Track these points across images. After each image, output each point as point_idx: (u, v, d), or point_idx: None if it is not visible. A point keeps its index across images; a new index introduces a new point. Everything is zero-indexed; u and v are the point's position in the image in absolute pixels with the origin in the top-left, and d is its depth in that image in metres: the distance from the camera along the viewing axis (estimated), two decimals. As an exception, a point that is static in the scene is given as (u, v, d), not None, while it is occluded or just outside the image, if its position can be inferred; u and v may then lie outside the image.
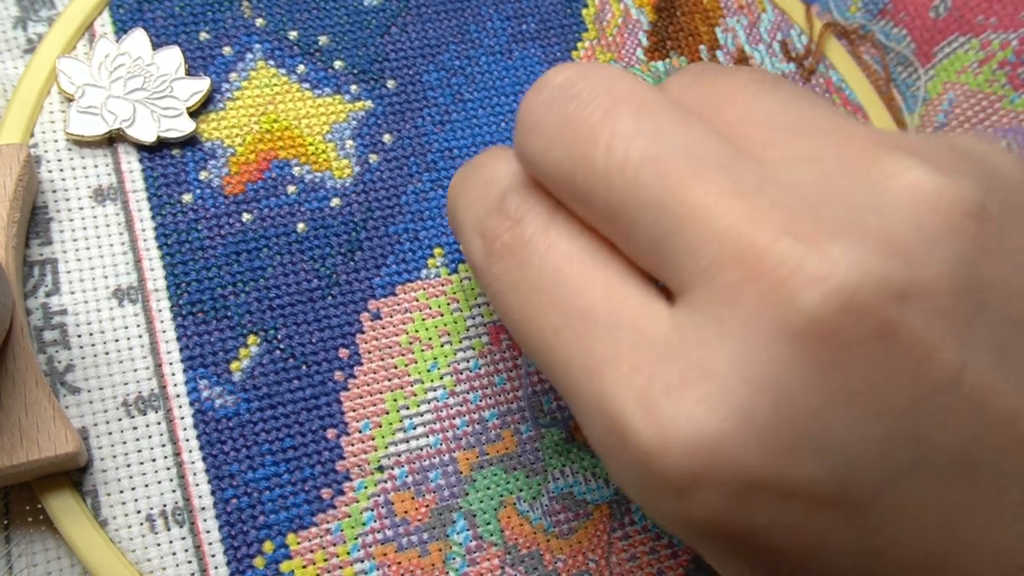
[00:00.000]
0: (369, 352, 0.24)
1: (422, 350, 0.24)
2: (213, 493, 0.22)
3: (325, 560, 0.22)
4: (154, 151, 0.25)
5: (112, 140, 0.25)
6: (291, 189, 0.25)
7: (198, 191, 0.25)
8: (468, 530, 0.23)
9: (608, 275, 0.17)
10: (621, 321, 0.16)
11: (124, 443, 0.22)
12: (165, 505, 0.22)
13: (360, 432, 0.23)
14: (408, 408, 0.24)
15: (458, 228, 0.21)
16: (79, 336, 0.23)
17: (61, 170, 0.24)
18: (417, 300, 0.25)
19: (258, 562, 0.22)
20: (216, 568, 0.21)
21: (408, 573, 0.22)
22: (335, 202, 0.25)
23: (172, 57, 0.25)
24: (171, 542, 0.21)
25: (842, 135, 0.17)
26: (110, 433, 0.22)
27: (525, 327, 0.18)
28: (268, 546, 0.22)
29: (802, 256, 0.14)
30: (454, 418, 0.24)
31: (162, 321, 0.23)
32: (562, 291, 0.17)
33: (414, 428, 0.24)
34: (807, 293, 0.14)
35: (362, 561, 0.22)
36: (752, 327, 0.14)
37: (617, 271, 0.17)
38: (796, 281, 0.14)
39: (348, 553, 0.22)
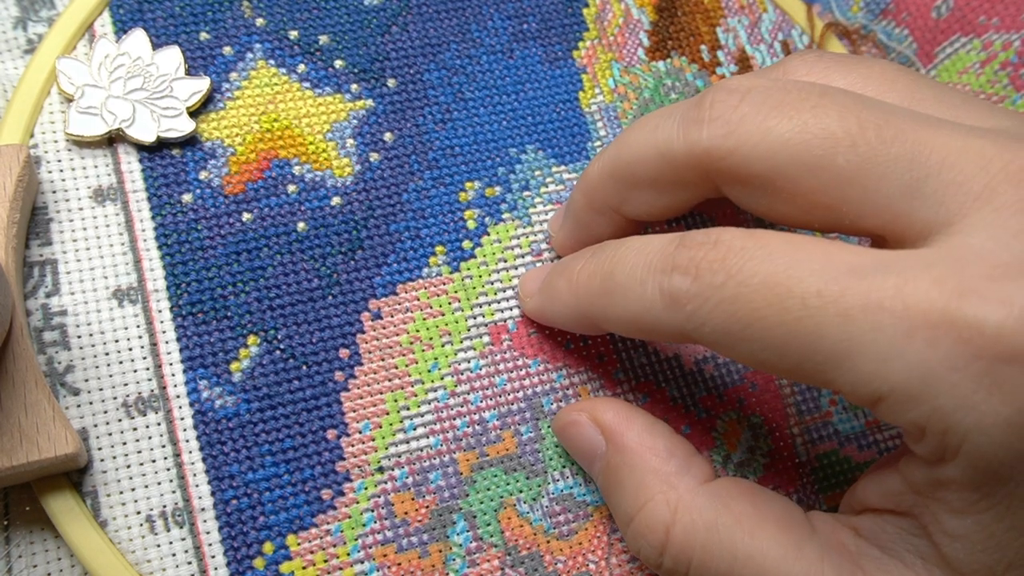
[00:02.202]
0: (370, 352, 0.24)
1: (423, 350, 0.24)
2: (213, 494, 0.22)
3: (325, 561, 0.22)
4: (154, 151, 0.25)
5: (112, 140, 0.25)
6: (291, 188, 0.25)
7: (198, 191, 0.24)
8: (468, 531, 0.23)
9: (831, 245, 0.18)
10: (889, 259, 0.17)
11: (124, 444, 0.22)
12: (165, 506, 0.22)
13: (360, 433, 0.23)
14: (408, 409, 0.24)
15: (616, 297, 0.20)
16: (79, 337, 0.23)
17: (61, 170, 0.24)
18: (418, 299, 0.25)
19: (258, 563, 0.22)
20: (216, 569, 0.21)
21: (408, 574, 0.22)
22: (336, 201, 0.25)
23: (172, 57, 0.25)
24: (171, 543, 0.21)
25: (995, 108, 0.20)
26: (110, 434, 0.22)
27: (761, 321, 0.17)
28: (268, 547, 0.22)
29: None
30: (454, 419, 0.24)
31: (162, 322, 0.23)
32: (806, 262, 0.17)
33: (414, 429, 0.24)
34: None
35: (362, 562, 0.22)
36: None
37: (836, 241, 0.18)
38: None
39: (348, 554, 0.22)
